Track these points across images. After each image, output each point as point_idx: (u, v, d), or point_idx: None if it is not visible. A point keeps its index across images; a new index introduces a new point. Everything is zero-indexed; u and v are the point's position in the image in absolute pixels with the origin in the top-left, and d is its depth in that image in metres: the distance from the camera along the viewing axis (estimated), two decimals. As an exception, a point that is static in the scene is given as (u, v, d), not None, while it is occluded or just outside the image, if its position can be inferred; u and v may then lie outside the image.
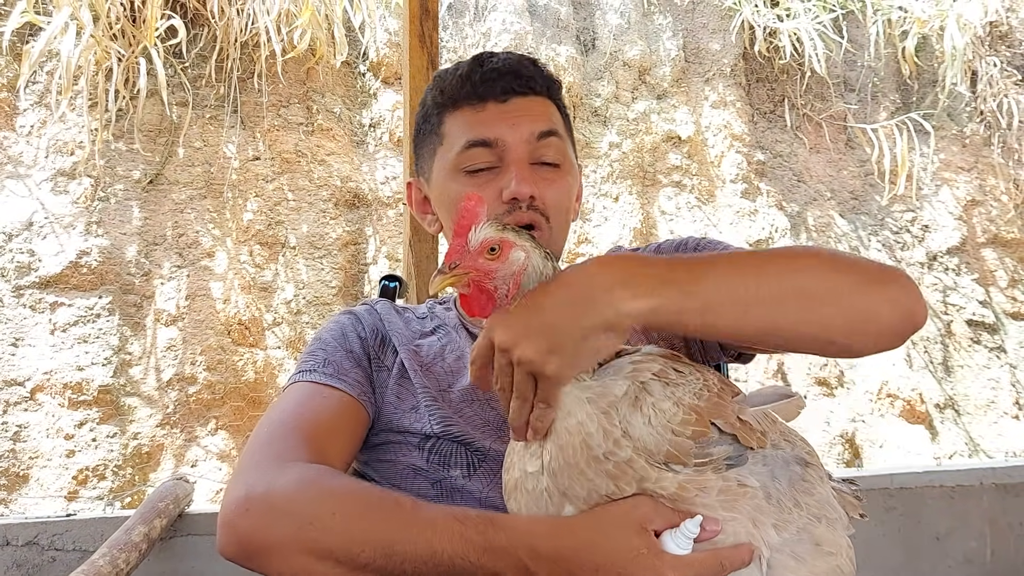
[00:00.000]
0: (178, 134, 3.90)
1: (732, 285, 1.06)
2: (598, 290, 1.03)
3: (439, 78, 1.54)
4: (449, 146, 1.47)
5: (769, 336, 1.11)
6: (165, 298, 3.66)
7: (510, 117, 1.43)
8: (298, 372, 1.42)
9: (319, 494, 1.15)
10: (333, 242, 4.06)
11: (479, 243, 1.07)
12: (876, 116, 5.31)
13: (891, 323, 1.14)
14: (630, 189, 4.63)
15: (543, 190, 1.42)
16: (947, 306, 5.04)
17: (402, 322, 1.55)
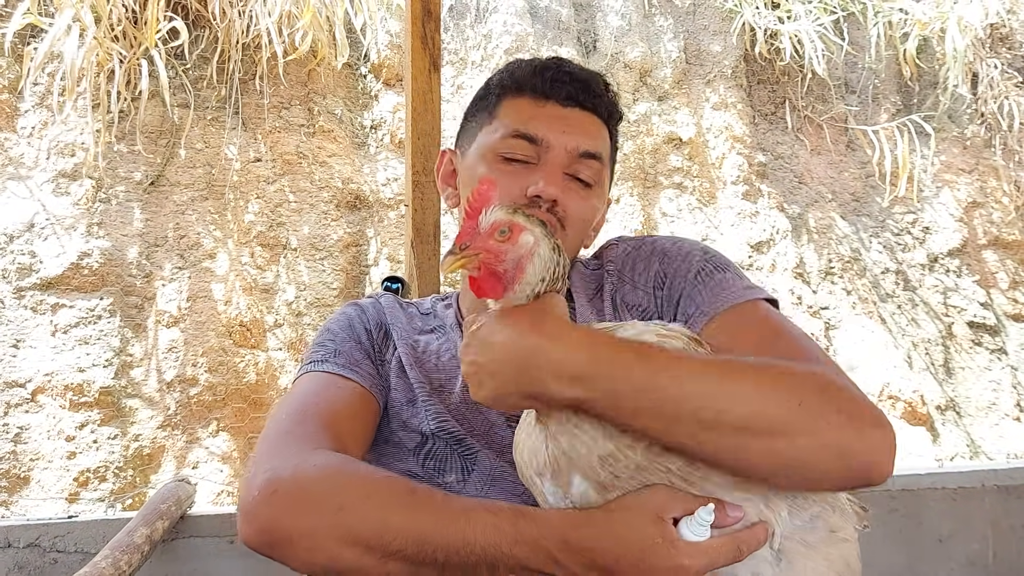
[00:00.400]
0: (179, 136, 3.90)
1: (672, 399, 1.01)
2: (541, 364, 1.03)
3: (513, 66, 1.54)
4: (496, 128, 1.47)
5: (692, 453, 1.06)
6: (166, 299, 3.66)
7: (563, 123, 1.44)
8: (310, 362, 1.43)
9: (348, 480, 1.14)
10: (334, 243, 4.06)
11: (490, 224, 1.07)
12: (877, 118, 5.30)
13: (835, 478, 1.08)
14: (631, 191, 4.63)
15: (568, 199, 1.41)
16: (948, 308, 5.04)
17: (405, 317, 1.56)
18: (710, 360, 1.08)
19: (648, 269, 1.46)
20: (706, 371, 1.04)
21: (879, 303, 4.89)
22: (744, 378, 1.04)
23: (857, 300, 4.82)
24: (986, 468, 3.53)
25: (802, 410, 1.03)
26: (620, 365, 1.02)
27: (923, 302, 5.01)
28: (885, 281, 5.00)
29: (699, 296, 1.36)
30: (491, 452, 1.37)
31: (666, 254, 1.46)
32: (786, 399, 1.03)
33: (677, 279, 1.41)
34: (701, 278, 1.38)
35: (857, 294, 4.85)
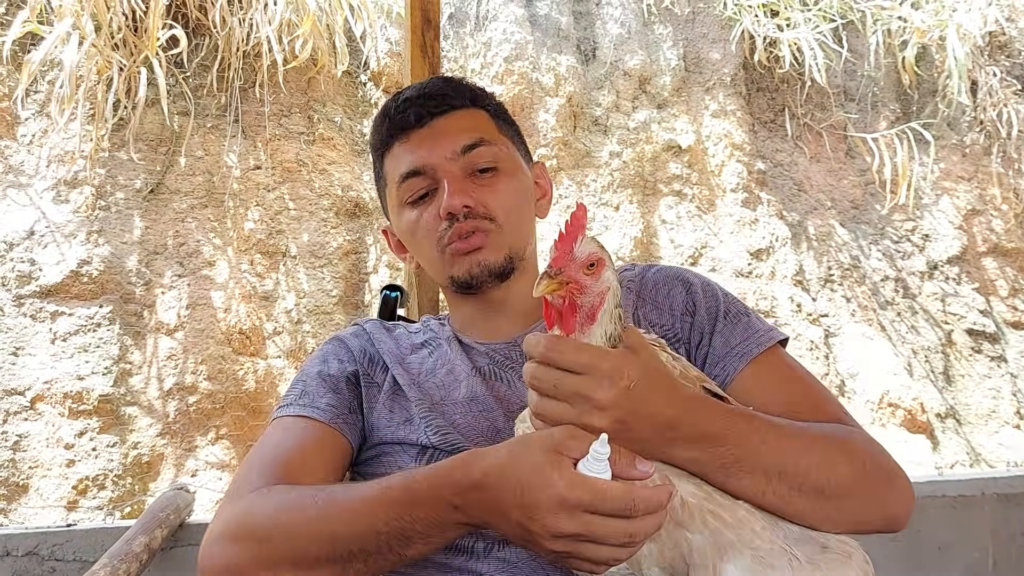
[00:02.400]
0: (179, 143, 3.90)
1: (768, 463, 1.09)
2: (678, 433, 1.05)
3: (371, 127, 1.60)
4: (391, 184, 1.51)
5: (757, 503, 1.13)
6: (166, 307, 3.66)
7: (430, 141, 1.46)
8: (278, 408, 1.47)
9: (270, 511, 1.19)
10: (334, 251, 4.06)
11: (585, 256, 1.05)
12: (876, 125, 5.31)
13: (875, 528, 1.21)
14: (630, 198, 4.64)
15: (481, 196, 1.44)
16: (947, 315, 5.04)
17: (391, 339, 1.57)
18: (794, 428, 1.17)
19: (672, 293, 1.48)
20: (795, 438, 1.15)
21: (879, 310, 4.89)
22: (822, 446, 1.16)
23: (857, 307, 4.82)
24: (986, 476, 3.53)
25: (866, 475, 1.18)
26: (735, 430, 1.09)
27: (923, 309, 5.01)
28: (885, 288, 5.00)
29: (732, 337, 1.40)
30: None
31: (690, 285, 1.49)
32: (854, 466, 1.17)
33: (708, 313, 1.44)
34: (731, 319, 1.43)
35: (857, 301, 4.85)
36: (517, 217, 1.49)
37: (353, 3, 4.30)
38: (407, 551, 1.09)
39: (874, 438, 1.29)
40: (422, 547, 1.09)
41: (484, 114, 1.53)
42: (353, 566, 1.11)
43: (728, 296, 1.49)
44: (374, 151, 1.58)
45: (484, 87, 1.61)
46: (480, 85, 1.61)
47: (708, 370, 1.37)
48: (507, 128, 1.57)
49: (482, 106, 1.54)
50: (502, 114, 1.58)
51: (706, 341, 1.41)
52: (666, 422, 1.04)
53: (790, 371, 1.40)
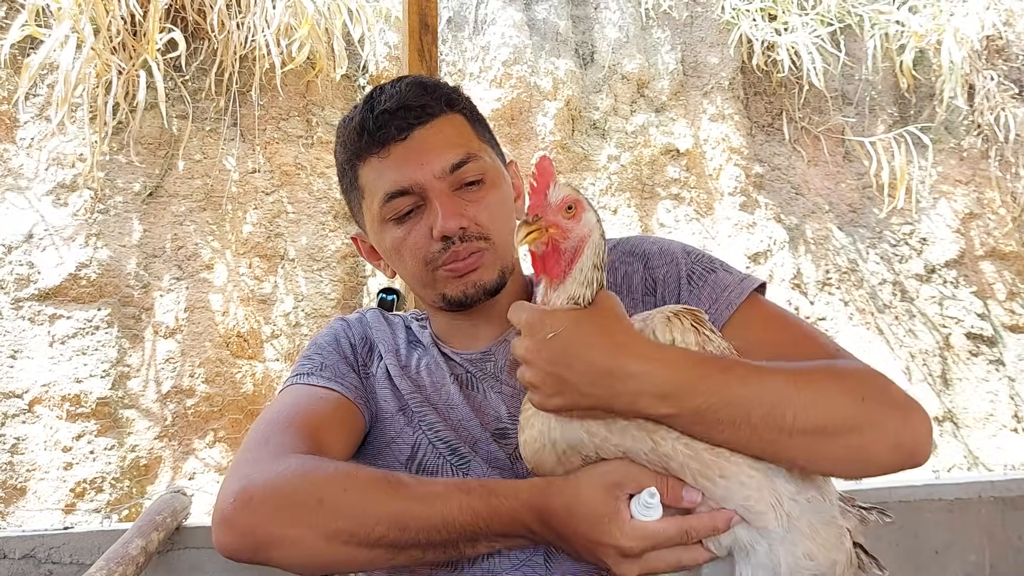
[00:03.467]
0: (178, 147, 3.91)
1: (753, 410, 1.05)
2: (633, 385, 1.03)
3: (339, 131, 1.51)
4: (371, 198, 1.44)
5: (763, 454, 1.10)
6: (164, 310, 3.66)
7: (417, 156, 1.40)
8: (295, 375, 1.45)
9: (325, 477, 1.16)
10: (332, 254, 4.07)
11: (560, 200, 1.06)
12: (874, 129, 5.32)
13: (890, 465, 1.15)
14: (628, 201, 4.64)
15: (473, 213, 1.40)
16: (945, 319, 5.04)
17: (389, 330, 1.57)
18: (779, 369, 1.11)
19: (631, 272, 1.44)
20: (779, 380, 1.08)
21: (877, 314, 4.89)
22: (812, 383, 1.09)
23: (855, 311, 4.83)
24: (983, 479, 3.53)
25: (866, 405, 1.10)
26: (707, 381, 1.04)
27: (920, 313, 5.01)
28: (882, 292, 5.00)
29: (700, 303, 1.34)
30: (482, 462, 1.38)
31: (647, 257, 1.45)
32: (851, 398, 1.10)
33: (669, 284, 1.40)
34: (695, 283, 1.38)
35: (855, 305, 4.85)
36: (508, 232, 1.46)
37: (352, 7, 4.31)
38: (470, 549, 1.14)
39: (878, 370, 1.20)
40: (485, 548, 1.16)
41: (461, 119, 1.48)
42: (411, 552, 1.14)
43: (691, 254, 1.43)
44: (343, 159, 1.49)
45: (455, 86, 1.56)
46: (451, 84, 1.55)
47: None
48: (483, 131, 1.53)
49: (459, 110, 1.49)
50: (476, 116, 1.54)
51: None
52: (607, 371, 1.02)
53: (773, 320, 1.35)
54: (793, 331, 1.33)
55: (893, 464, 1.14)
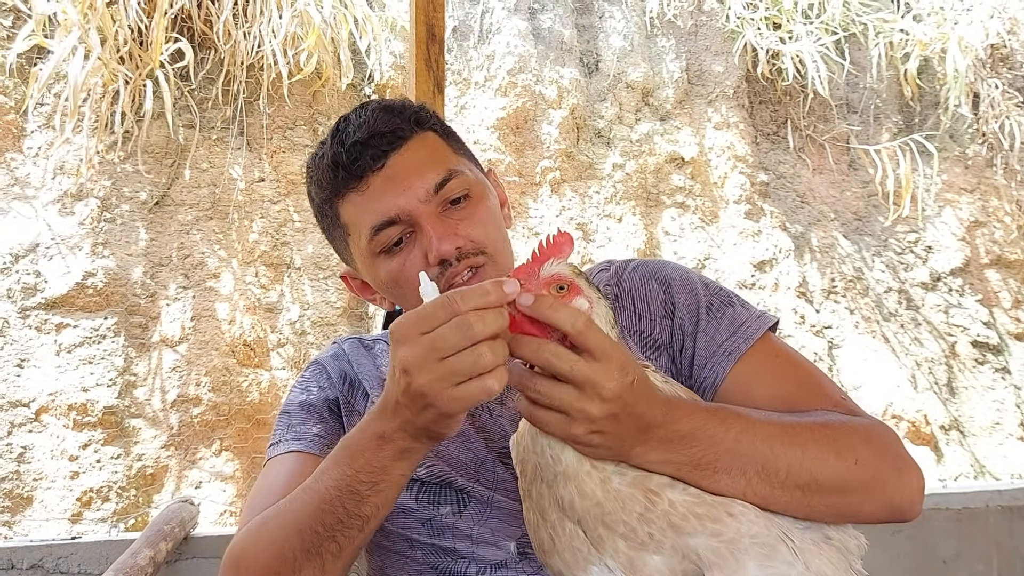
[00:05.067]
0: (184, 156, 3.92)
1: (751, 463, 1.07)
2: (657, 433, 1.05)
3: (312, 170, 1.47)
4: (357, 234, 1.40)
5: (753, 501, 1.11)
6: (170, 319, 3.66)
7: (397, 184, 1.36)
8: (269, 446, 1.47)
9: (247, 533, 1.24)
10: (338, 263, 3.99)
11: (550, 275, 1.03)
12: (879, 138, 5.32)
13: (880, 520, 1.18)
14: (633, 210, 4.64)
15: (465, 230, 1.37)
16: (951, 327, 5.03)
17: (370, 360, 1.55)
18: (777, 423, 1.13)
19: (650, 296, 1.43)
20: (778, 434, 1.11)
21: (882, 322, 4.88)
22: (808, 440, 1.12)
23: (860, 319, 4.82)
24: (990, 488, 3.53)
25: (859, 468, 1.13)
26: (709, 431, 1.06)
27: (926, 321, 5.00)
28: (888, 300, 4.99)
29: (718, 334, 1.35)
30: (484, 488, 1.37)
31: (668, 283, 1.44)
32: (845, 460, 1.12)
33: (689, 312, 1.39)
34: (713, 314, 1.38)
35: (860, 313, 4.84)
36: (502, 241, 1.44)
37: (358, 16, 4.32)
38: (362, 509, 1.12)
39: (879, 422, 1.24)
40: (375, 499, 1.12)
41: (434, 136, 1.45)
42: (328, 548, 1.14)
43: (710, 286, 1.43)
44: (321, 199, 1.44)
45: (420, 103, 1.51)
46: (412, 102, 1.50)
47: (696, 372, 1.34)
48: (458, 145, 1.50)
49: (429, 127, 1.45)
50: (447, 130, 1.50)
51: (689, 344, 1.37)
52: (647, 423, 1.03)
53: (783, 361, 1.36)
54: (802, 373, 1.34)
55: (883, 520, 1.18)
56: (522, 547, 1.33)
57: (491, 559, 1.36)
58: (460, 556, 1.37)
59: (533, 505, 1.12)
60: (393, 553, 1.44)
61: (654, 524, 1.04)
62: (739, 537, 1.04)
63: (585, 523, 1.06)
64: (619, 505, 1.04)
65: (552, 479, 1.07)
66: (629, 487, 1.04)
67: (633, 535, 1.04)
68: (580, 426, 1.00)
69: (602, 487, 1.04)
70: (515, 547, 1.35)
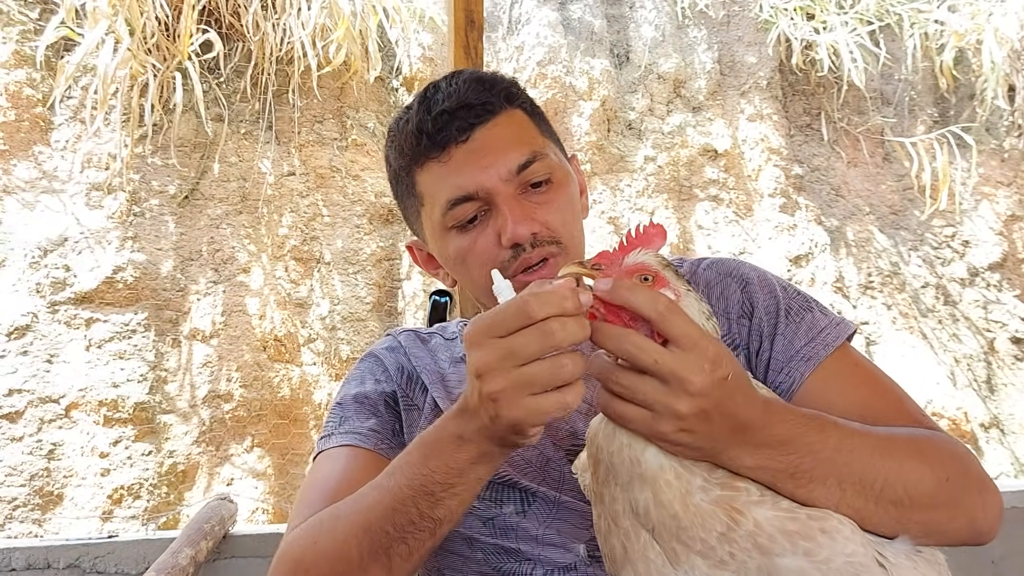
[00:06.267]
0: (213, 149, 3.88)
1: (845, 473, 1.01)
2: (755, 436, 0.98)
3: (394, 135, 1.42)
4: (431, 206, 1.35)
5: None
6: (201, 314, 3.63)
7: (480, 159, 1.30)
8: (321, 438, 1.42)
9: (307, 532, 1.17)
10: (367, 257, 4.02)
11: (634, 263, 0.96)
12: (913, 130, 5.23)
13: (961, 540, 1.13)
14: (666, 203, 4.58)
15: (543, 216, 1.31)
16: (989, 323, 4.94)
17: (427, 353, 1.50)
18: (869, 434, 1.08)
19: (727, 294, 1.37)
20: (874, 446, 1.06)
21: (920, 318, 4.80)
22: (903, 454, 1.07)
23: (898, 315, 4.74)
24: (1040, 488, 3.44)
25: (949, 485, 1.08)
26: (809, 439, 1.00)
27: (964, 317, 4.92)
28: (925, 295, 4.91)
29: (796, 339, 1.29)
30: (549, 488, 1.31)
31: (746, 282, 1.37)
32: (937, 476, 1.08)
33: (767, 314, 1.33)
34: (792, 318, 1.32)
35: (897, 309, 4.76)
36: (578, 232, 1.39)
37: (387, 7, 4.26)
38: (436, 511, 1.05)
39: (959, 442, 1.19)
40: (450, 502, 1.05)
41: (522, 115, 1.39)
42: (397, 551, 1.07)
43: (788, 289, 1.37)
44: (399, 165, 1.40)
45: (512, 78, 1.45)
46: (505, 76, 1.45)
47: (772, 377, 1.28)
48: (545, 127, 1.44)
49: (519, 104, 1.39)
50: (536, 110, 1.45)
51: (767, 345, 1.31)
52: (743, 424, 0.95)
53: (862, 371, 1.30)
54: (882, 386, 1.29)
55: (964, 540, 1.13)
56: (592, 550, 1.26)
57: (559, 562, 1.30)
58: (525, 558, 1.30)
59: (605, 510, 1.05)
60: (451, 553, 1.38)
61: (736, 544, 0.96)
62: (833, 556, 0.96)
63: (659, 535, 0.99)
64: (698, 521, 0.96)
65: (627, 482, 0.99)
66: (711, 504, 0.97)
67: (712, 553, 0.96)
68: (667, 423, 0.93)
69: (681, 500, 0.97)
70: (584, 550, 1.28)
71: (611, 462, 1.01)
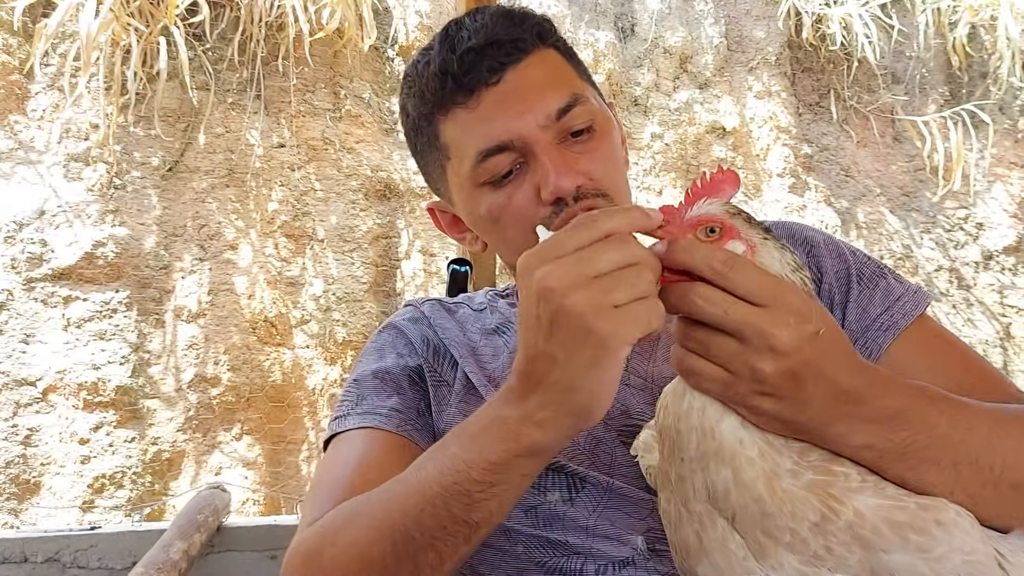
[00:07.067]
0: (199, 119, 3.70)
1: (958, 452, 0.86)
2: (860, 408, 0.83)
3: (412, 80, 1.25)
4: (459, 159, 1.20)
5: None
6: (186, 293, 3.47)
7: (514, 103, 1.15)
8: (335, 419, 1.25)
9: (324, 529, 1.04)
10: (363, 235, 3.86)
11: (699, 216, 0.82)
12: (924, 109, 5.09)
13: None
14: (674, 182, 4.44)
15: (587, 167, 1.17)
16: (1005, 308, 4.83)
17: (455, 324, 1.34)
18: (984, 408, 0.93)
19: None
20: (990, 421, 0.91)
21: (933, 303, 4.67)
22: (1020, 431, 0.92)
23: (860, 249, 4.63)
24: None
25: None
26: (921, 413, 0.85)
27: (979, 301, 4.80)
28: (939, 279, 4.79)
29: (872, 307, 1.17)
30: (600, 473, 1.14)
31: (812, 244, 1.25)
32: None
33: (838, 279, 1.21)
34: (865, 285, 1.20)
35: (910, 292, 4.64)
36: (623, 183, 1.24)
37: (383, -31, 4.09)
38: (472, 515, 0.89)
39: None
40: (490, 504, 0.89)
41: (556, 55, 1.22)
42: (425, 559, 0.92)
43: (857, 254, 1.25)
44: (419, 114, 1.24)
45: (543, 15, 1.28)
46: (534, 12, 1.27)
47: None
48: (581, 68, 1.28)
49: (551, 43, 1.23)
50: (570, 50, 1.28)
51: (838, 314, 1.18)
52: (845, 392, 0.80)
53: (946, 343, 1.18)
54: (968, 358, 1.17)
55: None
56: (651, 542, 1.11)
57: (614, 555, 1.12)
58: (574, 551, 1.13)
59: (673, 494, 0.90)
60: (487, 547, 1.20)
61: (833, 537, 0.82)
62: (949, 553, 0.82)
63: (740, 523, 0.84)
64: (787, 509, 0.82)
65: (699, 457, 0.85)
66: (804, 489, 0.82)
67: (804, 547, 0.82)
68: (747, 385, 0.79)
69: (766, 482, 0.82)
70: (643, 541, 1.12)
71: (679, 433, 0.87)
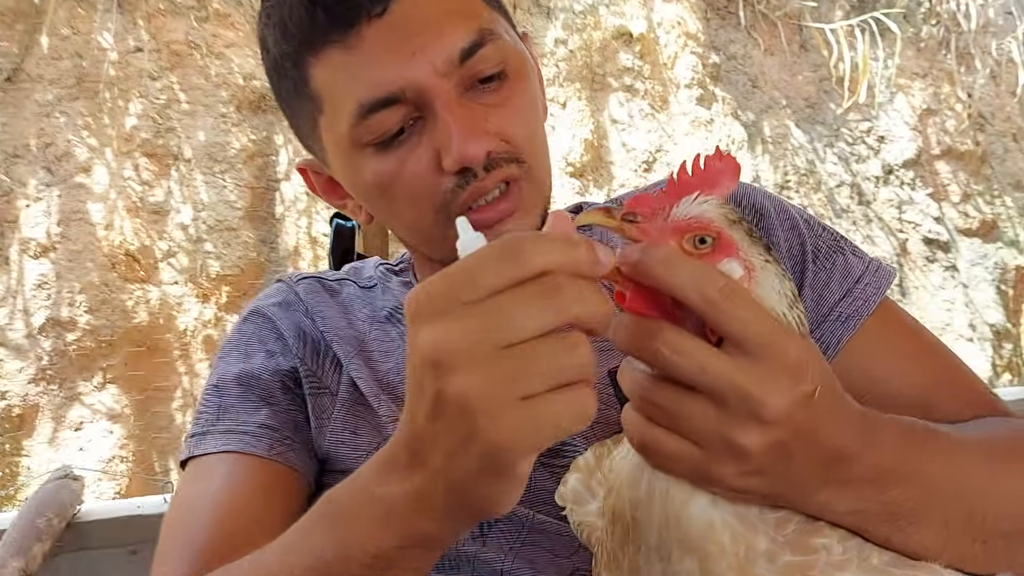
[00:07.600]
0: (41, 20, 3.44)
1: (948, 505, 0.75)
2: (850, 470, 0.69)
3: (270, 9, 1.00)
4: (334, 112, 0.98)
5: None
6: (32, 224, 3.27)
7: (405, 42, 0.93)
8: (190, 436, 1.07)
9: None
10: (236, 154, 3.62)
11: (687, 218, 0.66)
12: (831, 16, 5.00)
13: None
14: (579, 93, 4.27)
15: (499, 125, 0.96)
16: (903, 223, 4.90)
17: (338, 310, 1.14)
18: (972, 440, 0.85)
19: None
20: (980, 461, 0.81)
21: (834, 219, 4.72)
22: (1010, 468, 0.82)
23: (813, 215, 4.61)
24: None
25: None
26: (914, 465, 0.73)
27: (878, 217, 4.86)
28: (840, 195, 4.81)
29: (829, 292, 1.05)
30: (519, 504, 0.95)
31: (762, 214, 1.10)
32: None
33: (791, 258, 1.07)
34: (821, 263, 1.07)
35: (813, 209, 4.64)
36: (541, 145, 1.03)
37: None
38: None
39: None
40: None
41: None
42: None
43: (812, 224, 1.11)
44: (281, 52, 1.01)
45: None
46: None
47: None
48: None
49: None
50: None
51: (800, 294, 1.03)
52: (835, 455, 0.68)
53: (908, 333, 1.06)
54: (934, 353, 1.06)
55: None
56: None
57: None
58: None
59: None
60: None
61: None
62: None
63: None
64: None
65: (660, 546, 0.70)
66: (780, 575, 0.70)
67: None
68: (726, 464, 0.65)
69: (738, 573, 0.69)
70: None
71: (636, 518, 0.72)
